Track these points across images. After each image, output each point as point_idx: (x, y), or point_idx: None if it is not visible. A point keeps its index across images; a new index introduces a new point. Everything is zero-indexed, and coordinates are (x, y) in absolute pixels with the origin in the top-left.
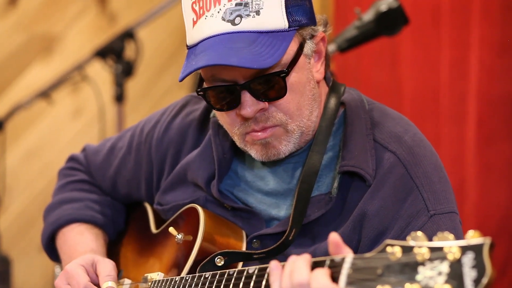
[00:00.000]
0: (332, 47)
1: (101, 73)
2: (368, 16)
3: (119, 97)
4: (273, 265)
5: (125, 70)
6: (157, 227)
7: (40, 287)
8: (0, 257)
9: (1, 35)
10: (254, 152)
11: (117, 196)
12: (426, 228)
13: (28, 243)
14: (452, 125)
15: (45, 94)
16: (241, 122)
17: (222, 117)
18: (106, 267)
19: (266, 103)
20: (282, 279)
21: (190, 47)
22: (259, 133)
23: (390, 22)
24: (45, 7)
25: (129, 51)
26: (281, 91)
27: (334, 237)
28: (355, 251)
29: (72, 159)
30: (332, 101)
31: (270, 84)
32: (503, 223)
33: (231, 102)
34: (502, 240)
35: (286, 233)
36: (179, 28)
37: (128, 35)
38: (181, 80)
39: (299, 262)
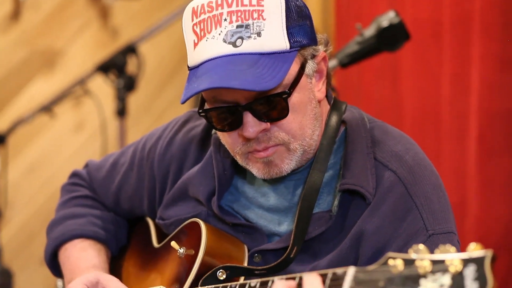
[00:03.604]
0: (333, 63)
1: (103, 88)
2: (369, 31)
3: (121, 112)
4: None
5: (127, 85)
6: (159, 241)
7: None
8: (2, 270)
9: (3, 50)
10: (256, 170)
11: (119, 211)
12: None
13: (29, 257)
14: (453, 140)
15: (47, 108)
16: (243, 143)
17: (223, 137)
18: (117, 284)
19: (268, 123)
20: None
21: (191, 69)
22: (261, 153)
23: (391, 38)
24: (47, 22)
25: (131, 65)
26: (283, 112)
27: None
28: None
29: (74, 175)
30: (333, 119)
31: (272, 105)
32: (505, 237)
33: (233, 123)
34: (503, 254)
35: (287, 251)
36: (181, 42)
37: (130, 49)
38: (183, 102)
39: None
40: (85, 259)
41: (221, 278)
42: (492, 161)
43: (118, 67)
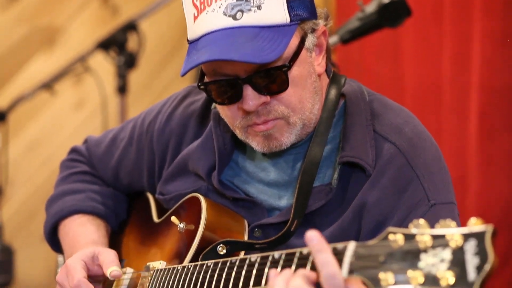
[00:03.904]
0: (334, 39)
1: (104, 65)
2: (370, 7)
3: (122, 89)
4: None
5: (127, 62)
6: (159, 216)
7: (42, 276)
8: (3, 247)
9: (3, 27)
10: (255, 144)
11: (119, 186)
12: (426, 217)
13: (30, 234)
14: (453, 118)
15: (48, 85)
16: (242, 116)
17: (223, 111)
18: (109, 255)
19: (268, 96)
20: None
21: (191, 42)
22: (261, 126)
23: (392, 14)
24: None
25: (132, 43)
26: (283, 85)
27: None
28: (355, 240)
29: (74, 150)
30: (333, 93)
31: (272, 78)
32: (505, 215)
33: (232, 96)
34: (503, 232)
35: (288, 224)
36: (182, 19)
37: (131, 27)
38: (182, 75)
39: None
40: (84, 235)
41: (222, 253)
42: (493, 139)
43: (119, 44)
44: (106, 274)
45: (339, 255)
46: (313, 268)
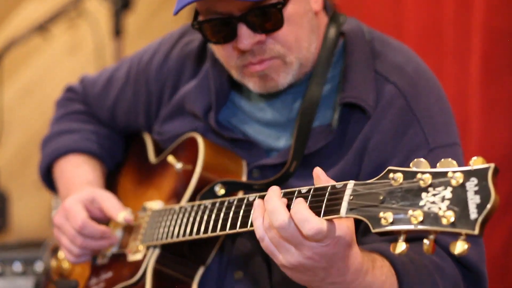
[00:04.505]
0: None
1: (99, 7)
2: None
3: (118, 31)
4: (256, 203)
5: (123, 3)
6: (156, 157)
7: (37, 223)
8: None
9: None
10: (252, 85)
11: (115, 126)
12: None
13: (25, 180)
14: (455, 60)
15: (42, 27)
16: (238, 56)
17: (218, 51)
18: (112, 200)
19: (263, 35)
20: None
21: None
22: (257, 66)
23: None
24: None
25: None
26: (278, 23)
27: (317, 171)
28: None
29: (69, 89)
30: (332, 31)
31: (266, 16)
32: (507, 159)
33: (227, 35)
34: (505, 177)
35: (287, 165)
36: None
37: None
38: (175, 14)
39: (274, 203)
40: (79, 175)
41: (219, 193)
42: (495, 81)
43: None
44: (117, 219)
45: (338, 193)
46: (312, 206)
